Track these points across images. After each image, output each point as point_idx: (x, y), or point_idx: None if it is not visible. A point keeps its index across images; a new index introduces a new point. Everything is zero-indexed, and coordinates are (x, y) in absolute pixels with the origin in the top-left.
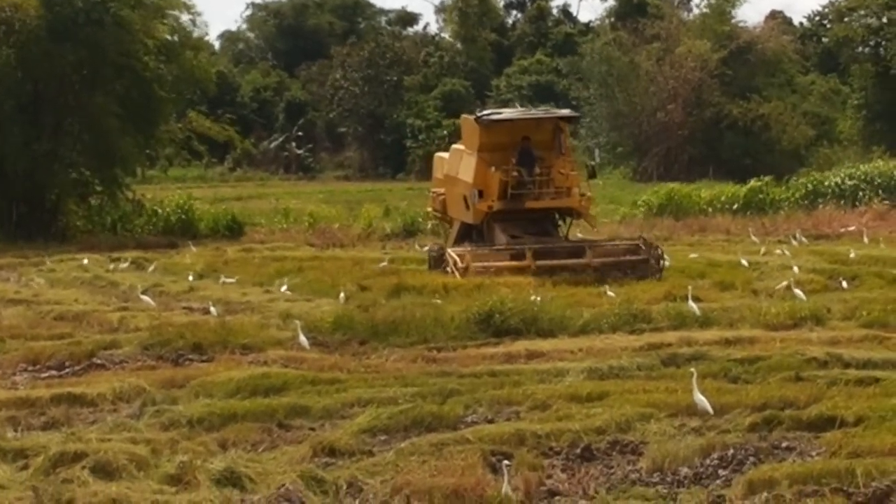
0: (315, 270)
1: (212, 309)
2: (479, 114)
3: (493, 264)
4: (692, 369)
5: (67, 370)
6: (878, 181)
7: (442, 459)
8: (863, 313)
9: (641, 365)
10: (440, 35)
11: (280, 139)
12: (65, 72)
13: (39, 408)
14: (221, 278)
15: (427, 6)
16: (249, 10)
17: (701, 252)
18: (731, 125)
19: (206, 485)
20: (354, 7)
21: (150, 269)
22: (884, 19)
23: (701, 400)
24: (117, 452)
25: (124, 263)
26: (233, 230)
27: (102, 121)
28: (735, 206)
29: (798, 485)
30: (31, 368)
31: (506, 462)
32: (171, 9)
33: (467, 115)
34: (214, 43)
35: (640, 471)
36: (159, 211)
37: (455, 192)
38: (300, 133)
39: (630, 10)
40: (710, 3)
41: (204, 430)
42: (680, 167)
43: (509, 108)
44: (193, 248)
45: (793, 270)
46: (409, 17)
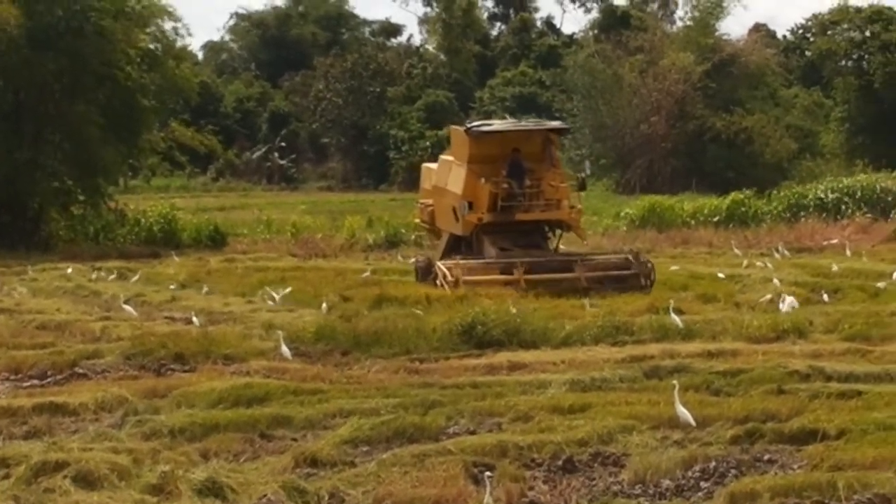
0: (298, 281)
1: (194, 319)
2: (468, 125)
3: (482, 278)
4: (674, 382)
5: (49, 379)
6: (860, 194)
7: (424, 470)
8: (845, 326)
9: (624, 377)
10: (424, 46)
11: (263, 150)
12: (46, 80)
13: (21, 417)
14: (204, 289)
15: (411, 17)
16: (233, 20)
17: (683, 265)
18: (715, 138)
19: (188, 495)
20: (338, 18)
21: (135, 278)
22: (867, 33)
23: (683, 412)
24: (99, 462)
25: (112, 275)
26: (215, 240)
27: (84, 130)
28: (717, 219)
29: (780, 498)
30: (12, 377)
31: (487, 473)
32: (155, 17)
33: (457, 127)
34: (198, 53)
35: (622, 483)
36: (142, 221)
37: (444, 203)
38: (283, 144)
39: (614, 23)
40: (694, 15)
41: (186, 441)
42: (663, 179)
43: (494, 119)
44: (176, 259)
45: (773, 283)
46: (392, 29)
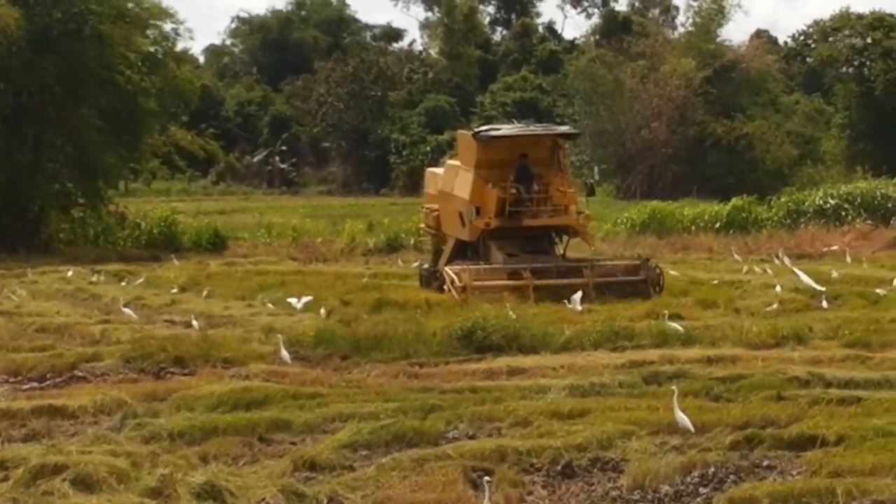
0: (298, 285)
1: (194, 322)
2: (476, 130)
3: (491, 283)
4: (674, 387)
5: (49, 382)
6: (860, 201)
7: (423, 475)
8: (845, 333)
9: (623, 382)
10: (426, 51)
11: (264, 153)
12: (46, 83)
13: (20, 420)
14: (204, 292)
15: (412, 22)
16: (234, 24)
17: (683, 270)
18: (715, 144)
19: (187, 498)
20: (339, 22)
21: (138, 281)
22: (868, 39)
23: (682, 418)
24: (98, 465)
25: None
26: (216, 244)
27: (85, 133)
28: (718, 225)
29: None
30: (12, 380)
31: (486, 478)
32: (155, 19)
33: (464, 131)
34: (199, 57)
35: (621, 488)
36: (142, 224)
37: (450, 208)
38: (284, 147)
39: (615, 28)
40: (696, 21)
41: (185, 444)
42: (663, 185)
43: (495, 124)
44: (176, 262)
45: (776, 290)
46: (394, 33)
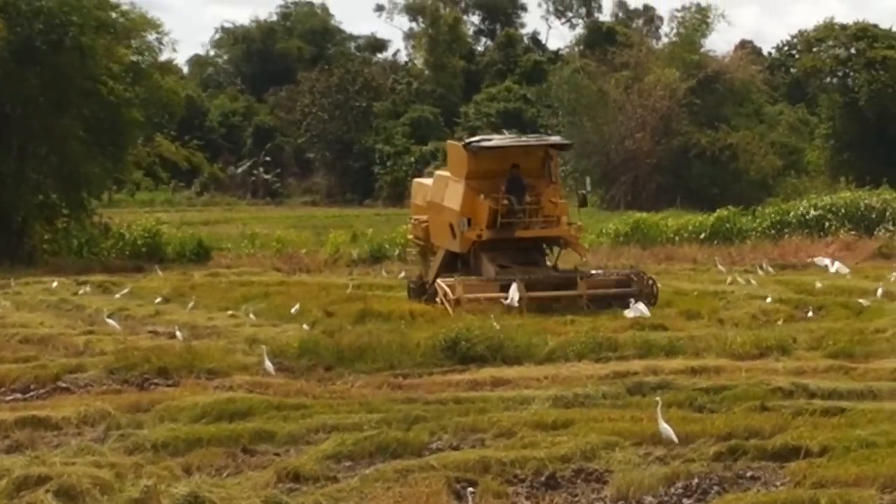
0: (281, 295)
1: (177, 333)
2: (467, 140)
3: (484, 295)
4: (657, 398)
5: (32, 393)
6: (843, 211)
7: (406, 486)
8: (829, 343)
9: (607, 393)
10: (412, 61)
11: (248, 164)
12: (30, 94)
13: (3, 431)
14: (190, 304)
15: (396, 32)
16: (219, 35)
17: (667, 281)
18: (699, 154)
19: None
20: (324, 32)
21: (124, 292)
22: (852, 50)
23: (666, 429)
24: (81, 476)
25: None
26: (199, 255)
27: (68, 144)
28: (702, 236)
29: None
30: None
31: (470, 489)
32: (138, 30)
33: (454, 142)
34: (183, 67)
35: (605, 499)
36: (126, 235)
37: (440, 219)
38: (268, 158)
39: (599, 39)
40: (679, 31)
41: (168, 455)
42: (647, 196)
43: (481, 134)
44: (160, 273)
45: (766, 300)
46: (378, 44)
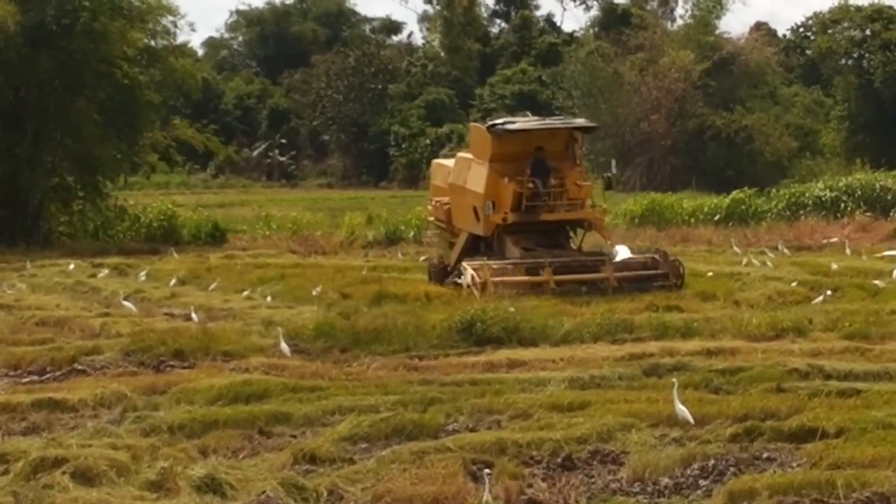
0: (297, 278)
1: (193, 315)
2: (490, 122)
3: (511, 279)
4: (673, 380)
5: (48, 375)
6: (859, 193)
7: (423, 468)
8: (844, 325)
9: (623, 375)
10: (429, 43)
11: (263, 146)
12: (45, 78)
13: (20, 413)
14: (213, 285)
15: (411, 15)
16: (234, 17)
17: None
18: (715, 136)
19: (187, 491)
20: (338, 15)
21: (142, 274)
22: (867, 31)
23: (682, 410)
24: (98, 458)
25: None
26: (215, 237)
27: (84, 127)
28: (717, 217)
29: (778, 496)
30: (12, 373)
31: (486, 471)
32: (155, 13)
33: (477, 124)
34: (198, 50)
35: (621, 480)
36: (142, 217)
37: (462, 202)
38: (283, 140)
39: (614, 21)
40: (694, 13)
41: (185, 437)
42: (663, 178)
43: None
44: (176, 255)
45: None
46: (393, 26)
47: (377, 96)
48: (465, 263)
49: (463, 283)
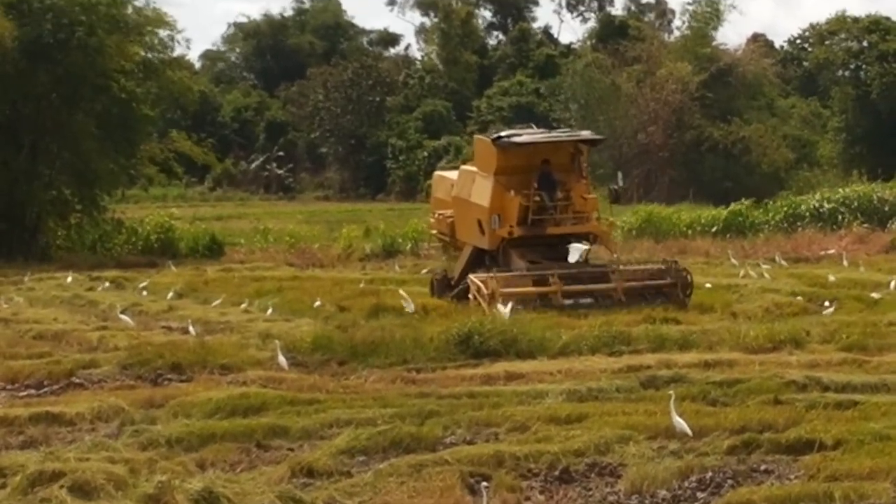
0: (295, 290)
1: (191, 329)
2: (496, 135)
3: (519, 290)
4: (671, 392)
5: (46, 389)
6: (856, 204)
7: (420, 481)
8: (842, 336)
9: (620, 387)
10: (426, 56)
11: (260, 159)
12: (42, 92)
13: (17, 427)
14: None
15: (409, 27)
16: (231, 30)
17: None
18: (712, 148)
19: None
20: (335, 27)
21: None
22: (864, 43)
23: (679, 422)
24: (95, 472)
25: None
26: (212, 250)
27: (81, 140)
28: (715, 229)
29: None
30: (9, 387)
31: (484, 483)
32: (149, 26)
33: (482, 136)
34: (196, 63)
35: (619, 493)
36: (139, 230)
37: (466, 215)
38: (281, 153)
39: (611, 33)
40: (692, 25)
41: (182, 450)
42: (660, 189)
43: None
44: (173, 268)
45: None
46: (390, 38)
47: (374, 109)
48: (471, 276)
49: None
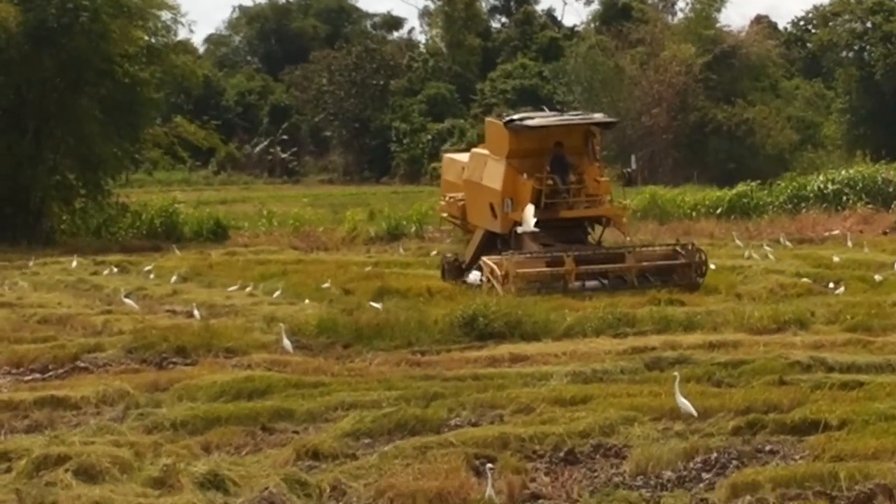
0: (299, 274)
1: (195, 312)
2: (508, 118)
3: (534, 270)
4: (675, 373)
5: (51, 373)
6: (860, 185)
7: (425, 463)
8: (846, 317)
9: (625, 369)
10: (429, 39)
11: (264, 143)
12: (46, 76)
13: (23, 411)
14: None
15: (412, 10)
16: (236, 13)
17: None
18: (716, 130)
19: (190, 488)
20: (339, 11)
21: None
22: (868, 24)
23: (684, 403)
24: (100, 456)
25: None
26: (217, 234)
27: (85, 125)
28: (719, 211)
29: (781, 488)
30: (14, 371)
31: (489, 465)
32: (156, 9)
33: (493, 119)
34: (199, 47)
35: (624, 474)
36: (143, 214)
37: (478, 198)
38: (284, 137)
39: (615, 15)
40: (695, 7)
41: (187, 434)
42: (664, 171)
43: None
44: (177, 252)
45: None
46: (394, 22)
47: (378, 92)
48: (484, 258)
49: (478, 278)
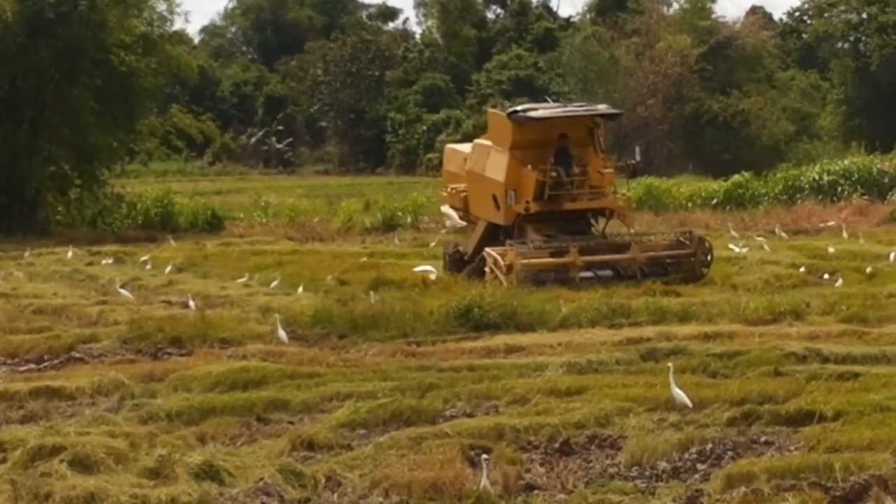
0: (294, 264)
1: (190, 303)
2: (510, 109)
3: (538, 261)
4: (670, 364)
5: (46, 364)
6: (856, 176)
7: (421, 453)
8: (842, 308)
9: (620, 359)
10: (424, 30)
11: (260, 133)
12: (42, 66)
13: (18, 401)
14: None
15: (408, 1)
16: (232, 4)
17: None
18: (711, 120)
19: (185, 478)
20: (335, 2)
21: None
22: (863, 15)
23: (679, 394)
24: (95, 446)
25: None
26: (212, 224)
27: (81, 115)
28: (715, 201)
29: (776, 479)
30: (9, 362)
31: (484, 456)
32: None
33: (496, 111)
34: (195, 38)
35: (619, 465)
36: (139, 205)
37: (481, 190)
38: (280, 127)
39: (610, 5)
40: None
41: (182, 424)
42: (660, 162)
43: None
44: (173, 243)
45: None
46: (389, 12)
47: (374, 83)
48: (487, 249)
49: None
